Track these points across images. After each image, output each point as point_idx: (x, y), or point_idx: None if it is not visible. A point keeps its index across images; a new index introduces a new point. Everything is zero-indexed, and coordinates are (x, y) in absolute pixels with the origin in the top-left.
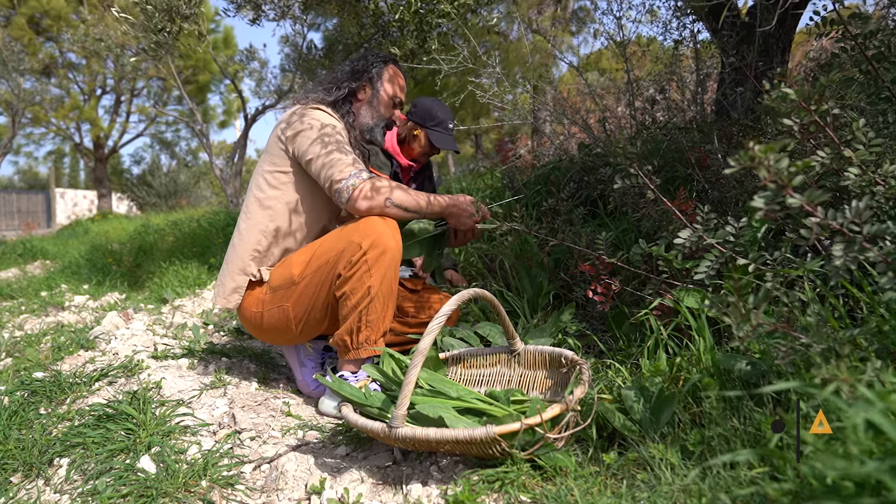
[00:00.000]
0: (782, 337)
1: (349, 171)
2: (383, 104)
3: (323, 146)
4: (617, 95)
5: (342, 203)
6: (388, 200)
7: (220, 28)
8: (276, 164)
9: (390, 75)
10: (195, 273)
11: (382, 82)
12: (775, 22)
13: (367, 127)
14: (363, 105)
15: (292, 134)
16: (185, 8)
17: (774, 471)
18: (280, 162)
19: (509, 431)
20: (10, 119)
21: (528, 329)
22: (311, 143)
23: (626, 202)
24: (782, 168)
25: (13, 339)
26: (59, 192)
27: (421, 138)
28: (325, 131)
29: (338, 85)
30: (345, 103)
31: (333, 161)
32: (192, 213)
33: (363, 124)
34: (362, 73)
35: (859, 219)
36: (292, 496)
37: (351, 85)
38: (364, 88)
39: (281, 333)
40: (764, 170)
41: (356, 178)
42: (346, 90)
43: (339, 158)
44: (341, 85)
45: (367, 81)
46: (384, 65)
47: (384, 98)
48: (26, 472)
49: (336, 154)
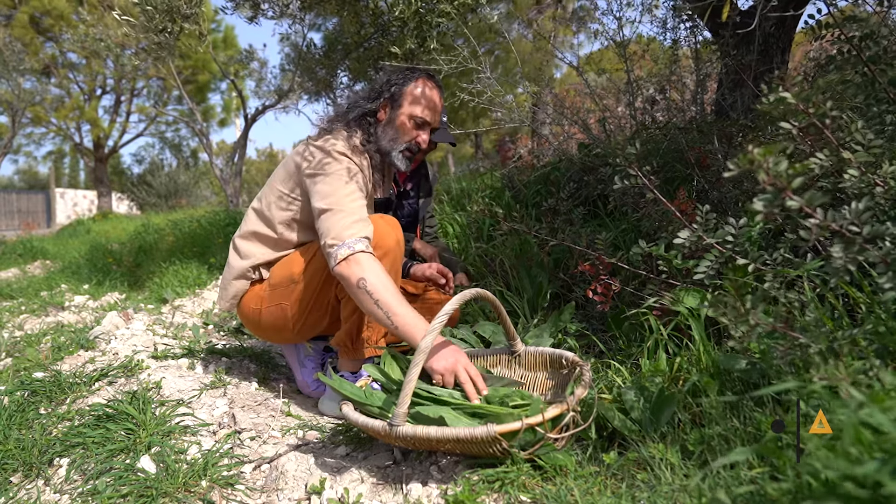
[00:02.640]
0: (781, 337)
1: (346, 235)
2: (401, 126)
3: (329, 194)
4: (617, 95)
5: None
6: (362, 281)
7: (220, 28)
8: (288, 188)
9: (414, 93)
10: (195, 273)
11: (402, 100)
12: (756, 23)
13: (384, 150)
14: (381, 126)
15: (307, 174)
16: (185, 8)
17: (774, 470)
18: (293, 186)
19: (510, 430)
20: (10, 119)
21: (528, 329)
22: (321, 187)
23: (626, 202)
24: (781, 171)
25: (13, 339)
26: (59, 192)
27: None
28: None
29: (358, 104)
30: (367, 123)
31: (336, 220)
32: (192, 213)
33: (380, 147)
34: (383, 91)
35: (858, 220)
36: (292, 496)
37: (369, 105)
38: (384, 108)
39: (278, 331)
40: (763, 173)
41: (347, 249)
42: (365, 109)
43: (339, 220)
44: (362, 104)
45: (387, 100)
46: (408, 82)
47: (402, 119)
48: (26, 472)
49: (338, 215)
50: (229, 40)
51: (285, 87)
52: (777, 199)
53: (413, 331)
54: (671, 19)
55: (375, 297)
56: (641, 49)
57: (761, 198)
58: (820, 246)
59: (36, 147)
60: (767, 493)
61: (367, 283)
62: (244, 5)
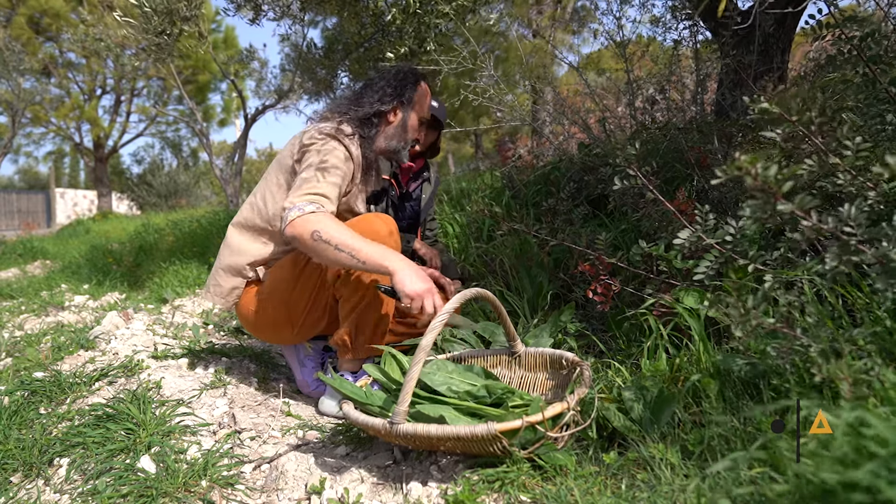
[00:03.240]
0: (781, 337)
1: (297, 200)
2: (412, 128)
3: (307, 171)
4: (617, 95)
5: (281, 229)
6: (316, 233)
7: (220, 28)
8: (284, 179)
9: (421, 96)
10: (195, 273)
11: (414, 105)
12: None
13: (393, 149)
14: (391, 127)
15: (299, 156)
16: (185, 10)
17: (774, 471)
18: (289, 178)
19: (511, 429)
20: (10, 119)
21: (528, 329)
22: (304, 166)
23: (626, 202)
24: (770, 176)
25: (13, 339)
26: (59, 192)
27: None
28: (323, 157)
29: (364, 103)
30: (370, 122)
31: (300, 185)
32: (192, 213)
33: (388, 146)
34: (394, 95)
35: (853, 222)
36: (292, 496)
37: (380, 107)
38: (395, 111)
39: (278, 332)
40: (750, 178)
41: (297, 211)
42: (374, 110)
43: (305, 185)
44: (370, 104)
45: (399, 104)
46: (416, 86)
47: (413, 122)
48: (26, 472)
49: (307, 183)
50: (229, 40)
51: (285, 87)
52: (768, 205)
53: (382, 259)
54: (669, 18)
55: (335, 243)
56: (641, 50)
57: (749, 204)
58: (820, 245)
59: (36, 147)
60: (766, 494)
61: (321, 234)
62: (245, 7)
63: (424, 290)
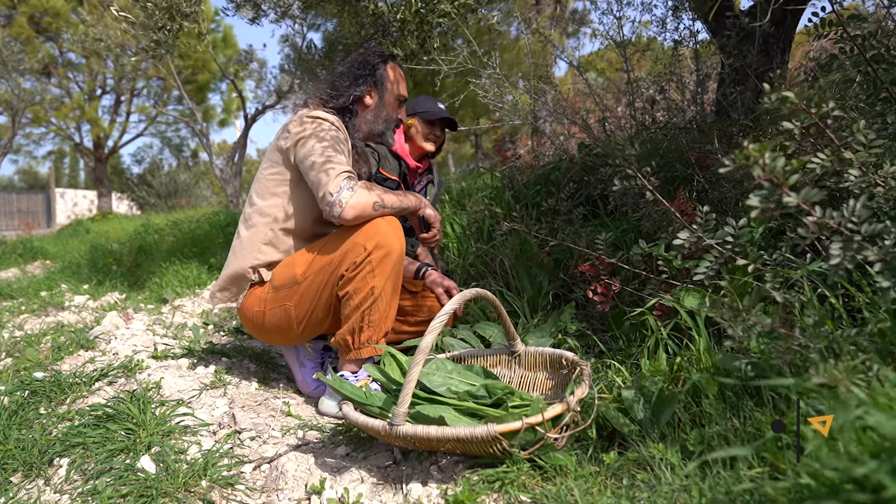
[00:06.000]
0: (780, 337)
1: (340, 183)
2: (390, 106)
3: (318, 154)
4: (617, 95)
5: (333, 218)
6: (377, 204)
7: (220, 28)
8: (276, 172)
9: (393, 74)
10: (195, 273)
11: (387, 83)
12: (768, 18)
13: (378, 131)
14: (370, 110)
15: (292, 143)
16: (185, 6)
17: (774, 470)
18: (280, 170)
19: (510, 430)
20: (10, 119)
21: (529, 329)
22: (309, 149)
23: (626, 202)
24: (778, 167)
25: (13, 339)
26: (59, 192)
27: (417, 125)
28: (322, 135)
29: (341, 91)
30: (348, 110)
31: (327, 170)
32: (192, 213)
33: (372, 130)
34: (366, 76)
35: (857, 218)
36: (292, 496)
37: (355, 91)
38: (370, 93)
39: (283, 333)
40: (759, 168)
41: (348, 192)
42: (350, 96)
43: (330, 168)
44: (345, 91)
45: (372, 85)
46: (385, 64)
47: (390, 100)
48: (26, 472)
49: (329, 164)
50: (229, 40)
51: (285, 88)
52: (774, 196)
53: (416, 204)
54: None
55: (389, 205)
56: (640, 50)
57: (757, 193)
58: (820, 246)
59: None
60: (767, 492)
61: (381, 203)
62: (245, 7)
63: (439, 218)
